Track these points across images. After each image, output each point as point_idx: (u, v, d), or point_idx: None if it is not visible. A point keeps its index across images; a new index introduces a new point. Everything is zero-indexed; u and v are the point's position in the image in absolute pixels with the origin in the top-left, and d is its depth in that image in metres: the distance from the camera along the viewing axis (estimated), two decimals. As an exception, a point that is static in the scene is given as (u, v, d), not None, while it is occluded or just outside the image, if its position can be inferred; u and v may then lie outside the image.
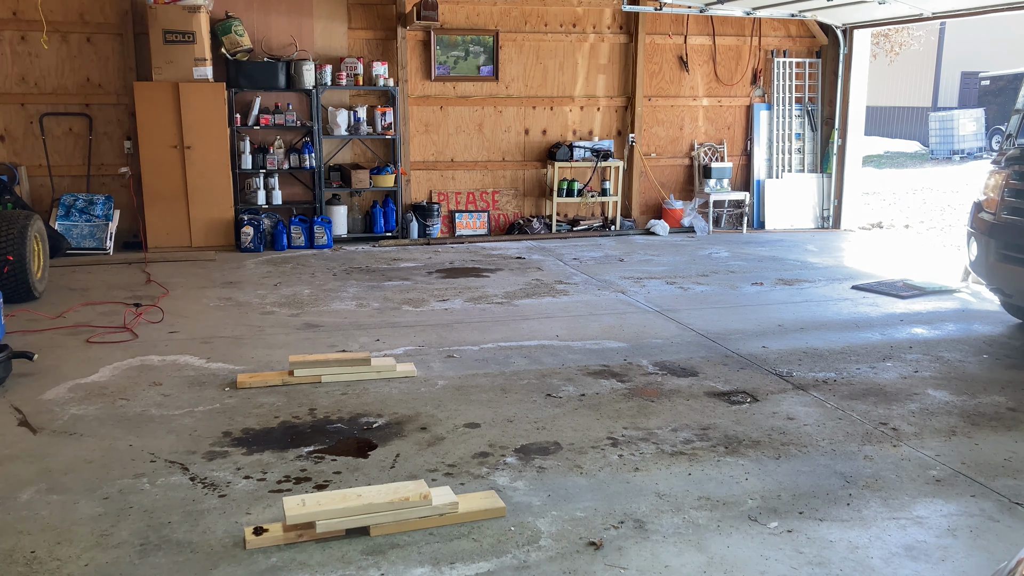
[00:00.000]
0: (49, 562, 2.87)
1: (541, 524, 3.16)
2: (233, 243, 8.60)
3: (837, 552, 2.98)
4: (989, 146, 22.62)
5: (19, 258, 6.11)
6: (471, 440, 3.92)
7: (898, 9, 9.06)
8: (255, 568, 2.86)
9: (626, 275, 7.55)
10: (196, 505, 3.28)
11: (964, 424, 4.16)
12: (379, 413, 4.25)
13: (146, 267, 7.79)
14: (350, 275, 7.49)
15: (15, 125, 8.42)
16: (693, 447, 3.87)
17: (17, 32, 8.30)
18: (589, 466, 3.65)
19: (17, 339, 5.35)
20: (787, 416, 4.25)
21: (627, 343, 5.47)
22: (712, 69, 10.30)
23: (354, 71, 8.92)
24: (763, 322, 5.99)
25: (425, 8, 8.64)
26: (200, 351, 5.24)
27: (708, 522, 3.18)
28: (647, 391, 4.59)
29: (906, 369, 5.00)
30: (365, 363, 4.74)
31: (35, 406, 4.30)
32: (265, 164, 8.75)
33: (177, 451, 3.78)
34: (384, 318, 6.06)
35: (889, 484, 3.51)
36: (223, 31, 8.45)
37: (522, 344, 5.42)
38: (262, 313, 6.17)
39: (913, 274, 7.63)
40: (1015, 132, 7.17)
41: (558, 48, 9.79)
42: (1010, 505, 3.35)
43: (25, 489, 3.40)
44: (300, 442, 3.89)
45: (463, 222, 9.74)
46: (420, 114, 9.49)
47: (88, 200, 8.37)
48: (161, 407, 4.30)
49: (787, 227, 10.44)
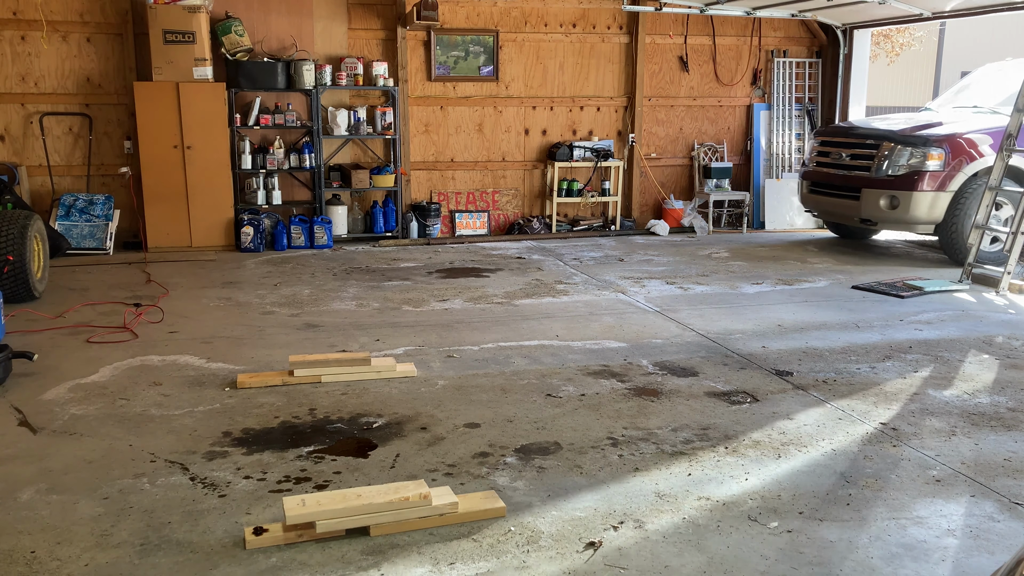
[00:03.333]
0: (49, 562, 2.87)
1: (541, 524, 3.16)
2: (233, 243, 8.60)
3: (837, 552, 2.98)
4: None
5: (19, 258, 6.11)
6: (471, 440, 3.92)
7: (898, 9, 9.06)
8: (255, 568, 2.86)
9: (626, 275, 7.55)
10: (196, 505, 3.28)
11: (964, 424, 4.16)
12: (379, 413, 4.25)
13: (146, 267, 7.79)
14: (350, 275, 7.49)
15: (15, 125, 8.42)
16: (693, 447, 3.87)
17: (17, 32, 8.30)
18: (589, 466, 3.65)
19: (17, 339, 5.35)
20: (787, 416, 4.25)
21: (627, 343, 5.47)
22: (712, 69, 10.31)
23: (354, 71, 8.93)
24: (763, 322, 5.99)
25: (425, 8, 8.64)
26: (200, 351, 5.24)
27: (708, 522, 3.18)
28: (647, 391, 4.59)
29: (906, 369, 5.00)
30: (365, 363, 4.74)
31: (35, 406, 4.29)
32: (265, 164, 8.75)
33: (177, 451, 3.78)
34: (384, 318, 6.06)
35: (889, 484, 3.51)
36: (223, 31, 8.45)
37: (522, 344, 5.42)
38: (262, 313, 6.17)
39: (913, 274, 7.63)
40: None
41: (558, 48, 9.79)
42: (1010, 505, 3.35)
43: (25, 489, 3.40)
44: (300, 442, 3.89)
45: (463, 222, 9.74)
46: (420, 114, 9.50)
47: (88, 200, 8.37)
48: (161, 407, 4.30)
49: (787, 227, 10.44)
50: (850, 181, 8.31)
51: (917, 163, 7.79)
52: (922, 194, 7.79)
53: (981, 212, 7.26)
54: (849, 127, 8.96)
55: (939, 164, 7.75)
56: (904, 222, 7.97)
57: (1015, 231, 6.89)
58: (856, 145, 8.39)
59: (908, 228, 8.04)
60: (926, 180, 7.77)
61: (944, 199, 7.81)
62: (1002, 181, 7.19)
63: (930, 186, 7.76)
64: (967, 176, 7.77)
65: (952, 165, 7.74)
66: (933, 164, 7.76)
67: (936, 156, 7.75)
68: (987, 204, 7.24)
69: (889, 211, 7.96)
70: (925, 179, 7.77)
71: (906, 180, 7.85)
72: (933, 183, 7.77)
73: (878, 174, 8.01)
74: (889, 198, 7.92)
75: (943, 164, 7.75)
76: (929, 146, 7.80)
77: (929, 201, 7.79)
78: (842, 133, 8.78)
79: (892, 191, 7.91)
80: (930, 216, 7.86)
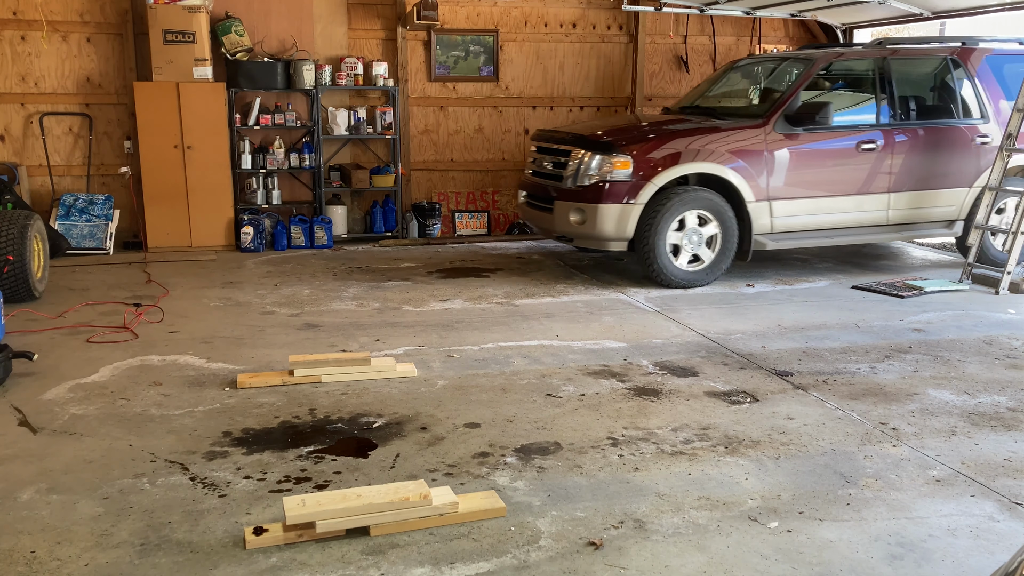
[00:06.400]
0: (49, 562, 2.88)
1: (541, 524, 3.16)
2: (233, 243, 8.60)
3: (837, 552, 2.98)
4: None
5: (19, 258, 6.11)
6: (471, 440, 3.92)
7: (898, 9, 9.06)
8: (255, 568, 2.86)
9: (626, 274, 7.55)
10: (196, 505, 3.28)
11: (964, 424, 4.16)
12: (379, 413, 4.25)
13: (146, 267, 7.79)
14: (350, 275, 7.49)
15: (15, 125, 8.42)
16: (693, 447, 3.87)
17: (17, 32, 8.30)
18: (589, 466, 3.65)
19: (17, 339, 5.35)
20: (787, 416, 4.25)
21: (627, 343, 5.48)
22: (712, 69, 10.30)
23: (354, 71, 8.93)
24: (762, 322, 5.99)
25: (425, 8, 8.64)
26: (200, 351, 5.24)
27: (708, 522, 3.18)
28: (647, 391, 4.59)
29: (906, 369, 5.00)
30: (365, 363, 4.75)
31: (35, 406, 4.30)
32: (265, 164, 8.75)
33: (177, 451, 3.78)
34: (384, 318, 6.06)
35: (889, 484, 3.51)
36: (223, 31, 8.45)
37: (522, 344, 5.42)
38: (262, 313, 6.17)
39: (913, 274, 7.63)
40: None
41: (558, 48, 9.79)
42: (1010, 505, 3.35)
43: (25, 489, 3.40)
44: (300, 442, 3.89)
45: (463, 222, 9.74)
46: (420, 114, 9.50)
47: (88, 200, 8.37)
48: (161, 407, 4.31)
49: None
50: (547, 192, 7.29)
51: (606, 172, 6.79)
52: (609, 207, 6.79)
53: (981, 212, 7.26)
54: (554, 129, 8.00)
55: (627, 173, 6.76)
56: (595, 239, 6.98)
57: (1015, 231, 6.90)
58: (555, 151, 7.35)
59: (600, 245, 7.01)
60: (613, 192, 6.78)
61: (634, 213, 6.79)
62: (1002, 181, 7.19)
63: (617, 199, 6.78)
64: (657, 187, 6.78)
65: (641, 175, 6.77)
66: (620, 173, 6.77)
67: (622, 164, 6.77)
68: (987, 204, 7.24)
69: (579, 227, 6.96)
70: (612, 191, 6.78)
71: (593, 192, 6.85)
72: (620, 195, 6.77)
73: (569, 184, 7.01)
74: (579, 212, 6.92)
75: (631, 174, 6.77)
76: (615, 153, 6.82)
77: (616, 215, 6.79)
78: (546, 137, 7.72)
79: (581, 204, 6.91)
80: (619, 232, 6.83)
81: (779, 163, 7.07)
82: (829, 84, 7.70)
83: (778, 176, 7.09)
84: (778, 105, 7.14)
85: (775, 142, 7.05)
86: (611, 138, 7.01)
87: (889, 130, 7.38)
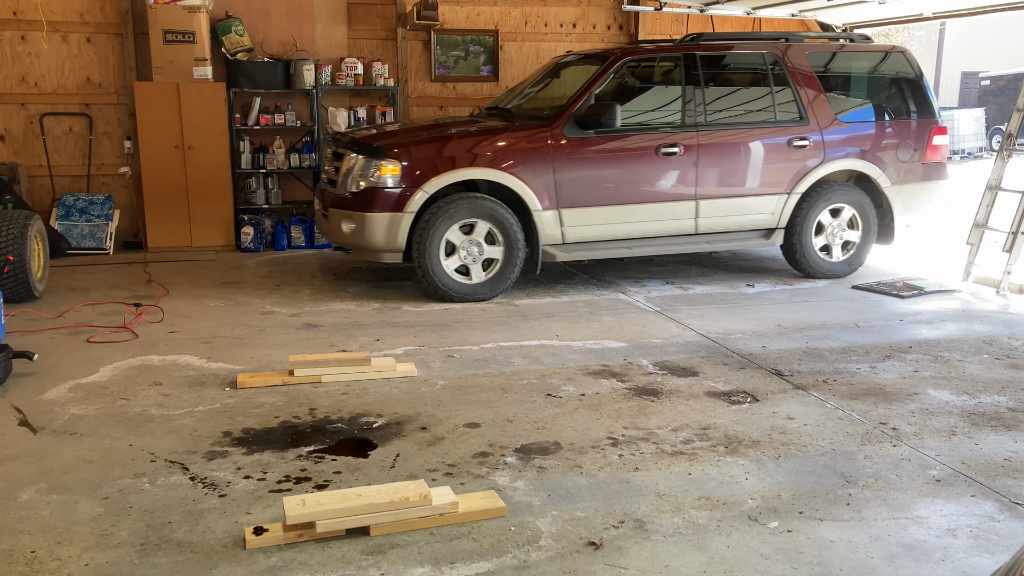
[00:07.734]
0: (49, 562, 2.88)
1: (541, 524, 3.16)
2: (233, 243, 8.60)
3: (837, 552, 2.99)
4: (989, 146, 22.63)
5: (19, 258, 6.11)
6: (471, 440, 3.92)
7: (898, 9, 9.06)
8: (255, 568, 2.86)
9: (626, 274, 7.55)
10: (196, 505, 3.28)
11: (964, 424, 4.17)
12: (379, 413, 4.25)
13: (146, 267, 7.79)
14: (350, 275, 7.49)
15: (15, 125, 8.42)
16: (693, 447, 3.87)
17: (17, 32, 8.30)
18: (589, 466, 3.66)
19: (17, 339, 5.36)
20: (787, 416, 4.25)
21: (627, 343, 5.48)
22: (712, 69, 10.30)
23: (354, 71, 8.93)
24: (763, 321, 5.99)
25: (425, 8, 8.65)
26: (200, 351, 5.24)
27: (708, 522, 3.19)
28: (647, 390, 4.59)
29: (906, 369, 5.00)
30: (365, 363, 4.75)
31: (35, 406, 4.30)
32: (265, 164, 8.75)
33: (177, 451, 3.78)
34: (384, 317, 6.06)
35: (889, 484, 3.51)
36: (223, 31, 8.45)
37: (522, 344, 5.43)
38: (262, 313, 6.17)
39: (913, 274, 7.63)
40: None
41: (558, 48, 9.78)
42: (1010, 505, 3.35)
43: (25, 489, 3.40)
44: (300, 442, 3.89)
45: (463, 222, 9.73)
46: (420, 114, 9.49)
47: (88, 200, 8.37)
48: (161, 407, 4.31)
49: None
50: (326, 198, 6.75)
51: (374, 178, 6.32)
52: (377, 216, 6.28)
53: (981, 212, 7.27)
54: (343, 131, 7.59)
55: (396, 179, 6.28)
56: (367, 249, 6.48)
57: (1015, 231, 6.90)
58: (338, 155, 6.82)
59: (374, 256, 6.50)
60: (381, 199, 6.28)
61: (404, 222, 6.29)
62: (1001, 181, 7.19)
63: (385, 207, 6.27)
64: (428, 195, 6.29)
65: (411, 181, 6.29)
66: (389, 179, 6.28)
67: (392, 170, 6.27)
68: (987, 204, 7.24)
69: (351, 237, 6.45)
70: (380, 198, 6.28)
71: (362, 199, 6.34)
72: (388, 204, 6.28)
73: (341, 191, 6.52)
74: (349, 220, 6.41)
75: (399, 180, 6.28)
76: (384, 157, 6.30)
77: (385, 225, 6.29)
78: (333, 139, 7.26)
79: (350, 212, 6.39)
80: (389, 243, 6.34)
81: (569, 169, 6.53)
82: (638, 83, 7.15)
83: (568, 183, 6.53)
84: (567, 106, 6.62)
85: (564, 146, 6.51)
86: (382, 141, 6.52)
87: (694, 132, 6.79)
